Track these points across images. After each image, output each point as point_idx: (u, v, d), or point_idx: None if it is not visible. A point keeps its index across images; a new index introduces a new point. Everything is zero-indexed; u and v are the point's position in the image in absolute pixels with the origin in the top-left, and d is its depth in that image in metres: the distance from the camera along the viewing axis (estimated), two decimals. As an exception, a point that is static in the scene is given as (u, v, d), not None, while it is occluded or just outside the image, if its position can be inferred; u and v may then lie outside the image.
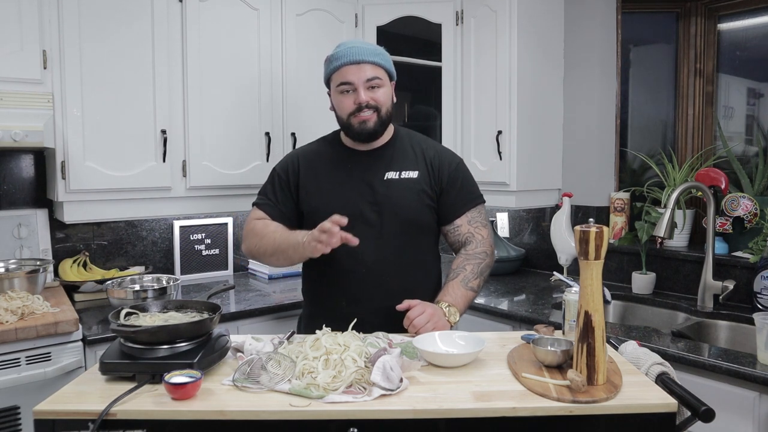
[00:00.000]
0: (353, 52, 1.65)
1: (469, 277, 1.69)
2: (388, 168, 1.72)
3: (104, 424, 1.09)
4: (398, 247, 1.70)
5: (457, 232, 1.77)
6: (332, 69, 1.68)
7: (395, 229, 1.69)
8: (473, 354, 1.32)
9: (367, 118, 1.66)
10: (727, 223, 2.36)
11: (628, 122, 2.89)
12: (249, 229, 1.75)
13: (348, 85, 1.65)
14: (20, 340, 1.83)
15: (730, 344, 2.13)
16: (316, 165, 1.76)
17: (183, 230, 2.80)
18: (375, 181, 1.70)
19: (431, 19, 2.82)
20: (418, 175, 1.73)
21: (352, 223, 1.62)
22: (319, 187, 1.72)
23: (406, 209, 1.70)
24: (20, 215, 2.41)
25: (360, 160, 1.74)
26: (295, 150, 1.89)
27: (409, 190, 1.71)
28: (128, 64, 2.29)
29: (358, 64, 1.65)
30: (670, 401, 1.14)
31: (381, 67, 1.68)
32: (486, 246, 1.76)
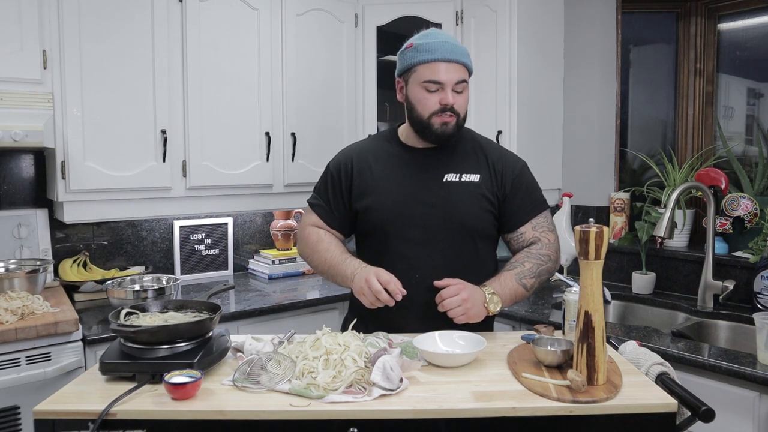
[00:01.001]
0: (447, 49, 1.54)
1: (525, 274, 1.58)
2: (447, 169, 1.62)
3: (104, 424, 1.09)
4: (453, 253, 1.60)
5: (521, 239, 1.66)
6: (420, 60, 1.55)
7: (451, 234, 1.60)
8: (473, 354, 1.32)
9: (449, 120, 1.56)
10: (727, 223, 2.36)
11: (628, 122, 2.89)
12: (304, 235, 1.71)
13: (436, 84, 1.54)
14: (20, 340, 1.83)
15: (730, 344, 2.13)
16: (371, 162, 1.66)
17: (183, 230, 2.80)
18: (433, 182, 1.61)
19: (431, 19, 2.82)
20: (479, 179, 1.62)
21: (405, 224, 1.59)
22: (373, 186, 1.63)
23: (465, 214, 1.60)
24: (20, 215, 2.41)
25: (418, 159, 1.64)
26: (350, 146, 1.77)
27: (469, 195, 1.61)
28: (128, 64, 2.29)
29: (451, 63, 1.54)
30: (670, 401, 1.14)
31: (468, 69, 1.59)
32: (551, 251, 1.65)
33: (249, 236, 3.03)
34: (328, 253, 1.63)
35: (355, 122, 2.90)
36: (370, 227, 1.65)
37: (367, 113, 2.92)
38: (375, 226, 1.63)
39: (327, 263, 1.62)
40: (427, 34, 1.60)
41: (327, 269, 1.63)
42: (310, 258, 1.69)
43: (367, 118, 2.92)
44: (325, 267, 1.64)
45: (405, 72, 1.60)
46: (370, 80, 2.90)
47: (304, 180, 2.70)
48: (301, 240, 1.73)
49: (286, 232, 2.95)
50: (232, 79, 2.54)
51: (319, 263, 1.66)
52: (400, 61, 1.62)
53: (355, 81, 2.89)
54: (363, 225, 1.67)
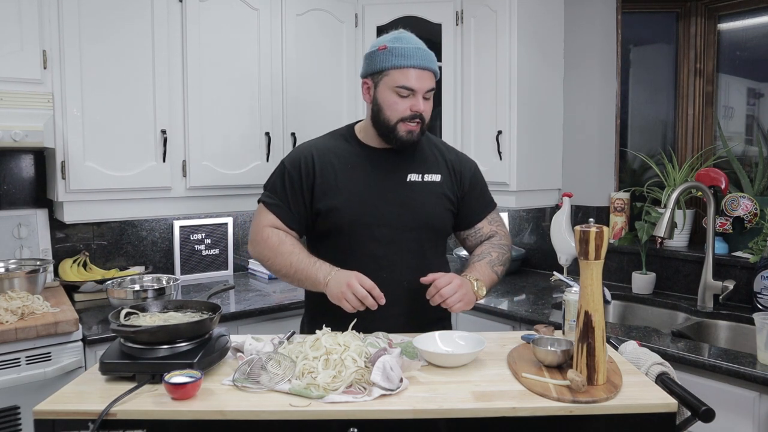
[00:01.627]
0: (421, 56, 1.57)
1: (495, 262, 1.67)
2: (409, 170, 1.66)
3: (104, 424, 1.09)
4: (419, 251, 1.65)
5: (479, 234, 1.75)
6: (395, 65, 1.56)
7: (417, 232, 1.64)
8: (473, 354, 1.32)
9: (414, 128, 1.59)
10: (727, 223, 2.36)
11: (628, 122, 2.89)
12: (261, 237, 1.64)
13: (408, 90, 1.56)
14: (20, 340, 1.83)
15: (730, 344, 2.13)
16: (334, 162, 1.65)
17: (183, 230, 2.80)
18: (397, 182, 1.64)
19: (431, 19, 2.82)
20: (440, 178, 1.68)
21: (372, 224, 1.61)
22: (337, 187, 1.62)
23: (430, 213, 1.65)
24: (20, 215, 2.41)
25: (380, 160, 1.66)
26: (306, 144, 1.73)
27: (432, 194, 1.66)
28: (128, 64, 2.29)
29: (425, 71, 1.57)
30: (670, 401, 1.14)
31: (436, 78, 1.62)
32: (508, 242, 1.76)
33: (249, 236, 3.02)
34: (293, 255, 1.58)
35: (355, 122, 2.90)
36: (335, 227, 1.63)
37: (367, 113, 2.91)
38: (341, 226, 1.62)
39: (293, 267, 1.58)
40: (399, 37, 1.60)
41: (293, 273, 1.58)
42: (272, 261, 1.62)
43: (367, 118, 2.91)
44: (290, 271, 1.59)
45: (375, 73, 1.61)
46: (370, 80, 2.89)
47: (304, 180, 2.70)
48: (258, 242, 1.65)
49: (286, 232, 2.95)
50: (232, 79, 2.54)
51: (282, 266, 1.60)
52: (370, 62, 1.62)
53: (356, 81, 2.89)
54: (326, 225, 1.64)
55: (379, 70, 1.59)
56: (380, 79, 1.60)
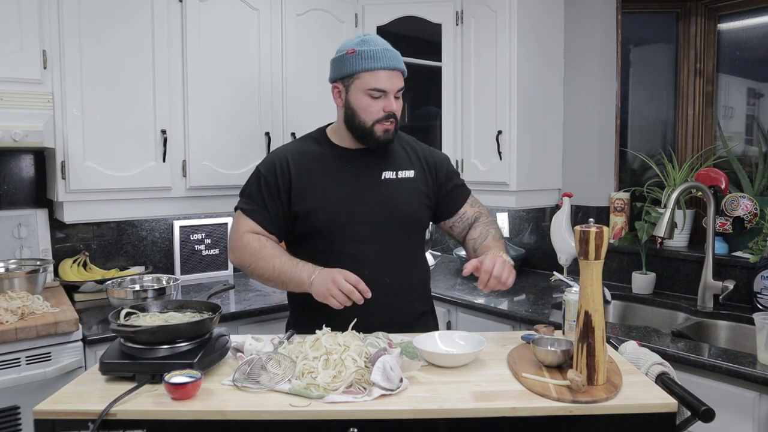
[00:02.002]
0: (389, 56, 1.59)
1: (497, 236, 1.71)
2: (383, 168, 1.69)
3: (104, 424, 1.09)
4: (398, 248, 1.68)
5: (464, 218, 1.79)
6: (365, 68, 1.58)
7: (395, 229, 1.67)
8: (473, 354, 1.32)
9: (390, 127, 1.62)
10: (727, 223, 2.36)
11: (628, 122, 2.89)
12: (241, 243, 1.63)
13: (380, 91, 1.59)
14: (20, 340, 1.83)
15: (730, 344, 2.13)
16: (308, 164, 1.66)
17: (183, 230, 2.80)
18: (373, 181, 1.67)
19: (431, 19, 2.82)
20: (414, 174, 1.71)
21: (351, 223, 1.62)
22: (314, 188, 1.64)
23: (407, 209, 1.68)
24: (20, 215, 2.41)
25: (354, 160, 1.68)
26: (279, 149, 1.75)
27: (408, 190, 1.69)
28: (128, 64, 2.29)
29: (394, 71, 1.60)
30: (670, 401, 1.14)
31: (404, 76, 1.65)
32: (494, 219, 1.81)
33: (249, 236, 3.02)
34: (275, 259, 1.58)
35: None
36: (313, 228, 1.64)
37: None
38: (319, 227, 1.63)
39: (275, 270, 1.57)
40: (366, 40, 1.62)
41: (276, 276, 1.58)
42: (254, 267, 1.61)
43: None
44: (273, 274, 1.58)
45: (346, 77, 1.62)
46: (370, 80, 2.89)
47: (304, 180, 2.70)
48: (238, 249, 1.64)
49: (286, 232, 2.95)
50: (232, 79, 2.54)
51: (264, 271, 1.59)
52: (339, 67, 1.63)
53: (355, 81, 2.89)
54: (304, 227, 1.65)
55: (349, 74, 1.61)
56: (351, 83, 1.61)
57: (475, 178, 2.76)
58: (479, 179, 2.75)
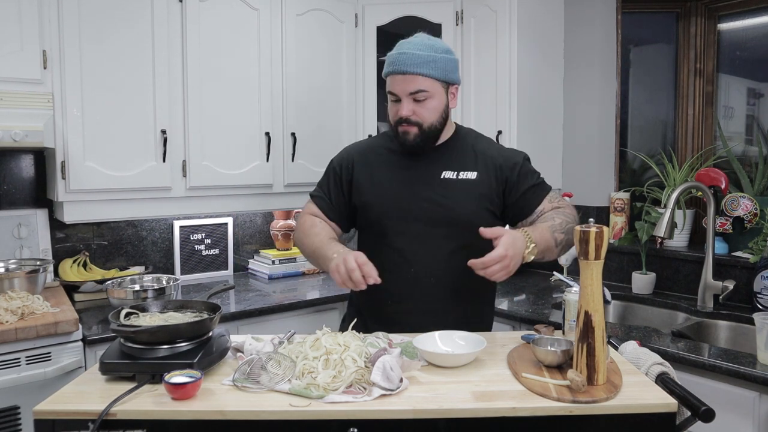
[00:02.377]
0: (403, 61, 1.57)
1: (556, 228, 1.57)
2: (445, 167, 1.65)
3: (104, 424, 1.09)
4: (450, 249, 1.62)
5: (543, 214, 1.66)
6: (385, 73, 1.63)
7: (447, 230, 1.62)
8: (473, 354, 1.32)
9: (407, 130, 1.60)
10: (727, 223, 2.36)
11: (628, 122, 2.89)
12: (300, 222, 1.74)
13: (394, 95, 1.60)
14: (20, 340, 1.83)
15: (730, 344, 2.13)
16: (371, 159, 1.71)
17: (183, 230, 2.80)
18: (431, 179, 1.64)
19: (431, 19, 2.82)
20: (476, 176, 1.64)
21: (402, 219, 1.62)
22: (372, 182, 1.67)
23: (462, 210, 1.62)
24: (20, 215, 2.41)
25: (417, 158, 1.66)
26: (354, 143, 1.84)
27: (466, 192, 1.63)
28: (128, 64, 2.29)
29: (405, 75, 1.56)
30: (670, 401, 1.14)
31: (432, 78, 1.57)
32: (574, 212, 1.67)
33: (249, 236, 3.03)
34: (317, 237, 1.64)
35: (355, 122, 2.91)
36: (369, 222, 1.68)
37: (367, 113, 2.92)
38: (373, 221, 1.67)
39: (313, 246, 1.62)
40: (400, 44, 1.61)
41: (312, 252, 1.63)
42: (301, 243, 1.69)
43: (367, 118, 2.92)
44: (311, 250, 1.64)
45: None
46: (370, 80, 2.90)
47: (304, 180, 2.70)
48: (297, 227, 1.75)
49: (286, 232, 2.95)
50: (232, 79, 2.54)
51: (307, 247, 1.66)
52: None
53: (355, 81, 2.89)
54: (362, 220, 1.71)
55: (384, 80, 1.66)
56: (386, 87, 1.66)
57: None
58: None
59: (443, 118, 1.64)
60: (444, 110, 1.64)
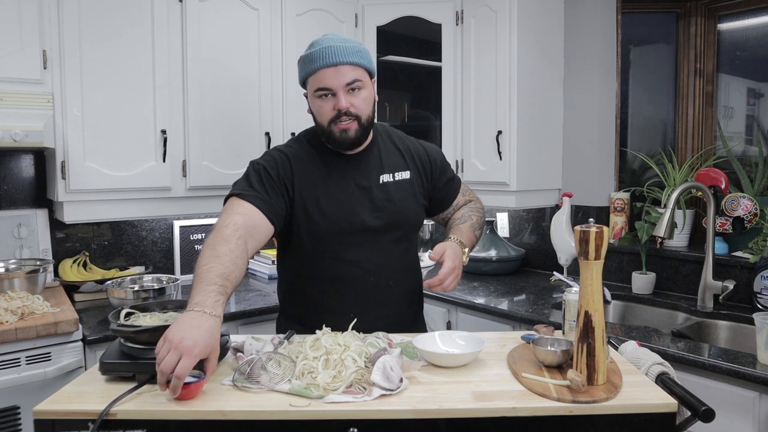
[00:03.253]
0: (330, 53, 1.49)
1: (475, 226, 1.71)
2: (381, 171, 1.63)
3: (104, 424, 1.09)
4: (399, 251, 1.66)
5: (456, 207, 1.80)
6: (308, 72, 1.53)
7: (396, 233, 1.64)
8: (473, 354, 1.32)
9: (347, 126, 1.52)
10: (727, 223, 2.36)
11: (628, 122, 2.89)
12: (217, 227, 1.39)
13: (326, 90, 1.51)
14: (20, 340, 1.83)
15: (730, 344, 2.13)
16: (309, 170, 1.59)
17: (183, 230, 2.80)
18: (372, 186, 1.61)
19: (431, 19, 2.82)
20: (410, 175, 1.67)
21: (353, 230, 1.58)
22: (316, 196, 1.56)
23: (407, 212, 1.65)
24: (20, 215, 2.41)
25: (350, 164, 1.61)
26: (276, 149, 1.64)
27: (406, 192, 1.65)
28: (128, 64, 2.29)
29: (336, 67, 1.49)
30: (670, 401, 1.14)
31: (361, 66, 1.53)
32: (482, 206, 1.83)
33: (249, 236, 3.02)
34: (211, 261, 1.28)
35: (355, 122, 2.90)
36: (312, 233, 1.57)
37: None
38: (321, 236, 1.57)
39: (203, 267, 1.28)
40: (314, 42, 1.55)
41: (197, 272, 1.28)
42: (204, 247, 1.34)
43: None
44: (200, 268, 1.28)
45: (303, 85, 1.59)
46: (370, 80, 2.90)
47: (304, 180, 2.70)
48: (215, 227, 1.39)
49: (286, 232, 2.95)
50: (232, 79, 2.54)
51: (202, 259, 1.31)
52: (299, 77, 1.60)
53: (355, 81, 2.89)
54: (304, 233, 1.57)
55: (302, 83, 1.59)
56: (306, 90, 1.59)
57: (475, 178, 2.76)
58: (479, 179, 2.75)
59: (374, 113, 1.61)
60: (374, 103, 1.60)
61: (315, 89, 1.54)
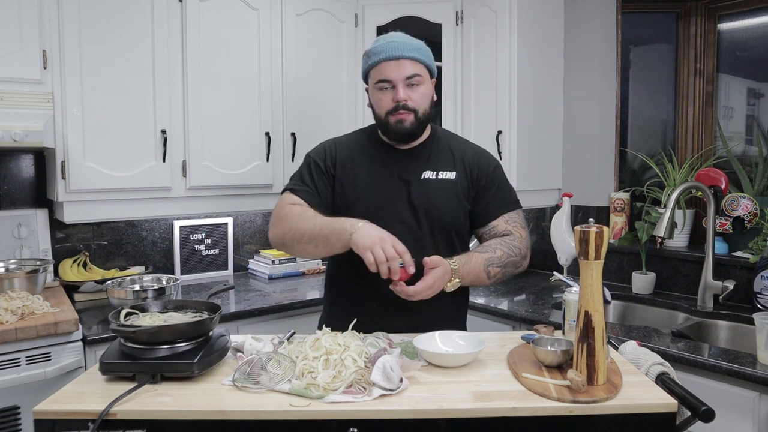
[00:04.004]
0: (393, 47, 1.57)
1: (494, 261, 1.59)
2: (425, 167, 1.65)
3: (104, 424, 1.09)
4: (431, 249, 1.60)
5: (493, 231, 1.68)
6: (370, 65, 1.60)
7: (430, 230, 1.63)
8: (473, 354, 1.32)
9: (403, 117, 1.58)
10: (727, 223, 2.36)
11: (628, 122, 2.89)
12: (283, 213, 1.59)
13: (387, 83, 1.57)
14: (20, 340, 1.83)
15: (730, 344, 2.13)
16: (354, 157, 1.67)
17: (183, 230, 2.80)
18: (412, 180, 1.63)
19: (431, 19, 2.82)
20: (455, 176, 1.66)
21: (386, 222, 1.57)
22: (354, 183, 1.64)
23: (442, 210, 1.63)
24: (20, 215, 2.41)
25: (397, 158, 1.66)
26: (330, 139, 1.76)
27: (446, 191, 1.64)
28: (128, 64, 2.29)
29: (398, 60, 1.56)
30: (670, 401, 1.14)
31: (421, 63, 1.59)
32: (523, 245, 1.67)
33: (249, 236, 3.03)
34: (317, 218, 1.54)
35: (355, 122, 2.90)
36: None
37: (367, 113, 2.91)
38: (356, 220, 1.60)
39: (317, 226, 1.51)
40: (379, 38, 1.62)
41: (318, 231, 1.51)
42: (295, 229, 1.55)
43: (367, 117, 2.91)
44: (314, 230, 1.51)
45: (365, 80, 1.67)
46: (370, 80, 2.90)
47: (304, 180, 2.70)
48: (280, 219, 1.60)
49: (286, 232, 2.95)
50: (232, 79, 2.54)
51: (306, 230, 1.52)
52: (362, 70, 1.67)
53: (356, 81, 2.89)
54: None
55: (364, 76, 1.66)
56: (368, 83, 1.65)
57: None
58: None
59: (431, 109, 1.65)
60: (432, 100, 1.65)
61: (376, 81, 1.60)
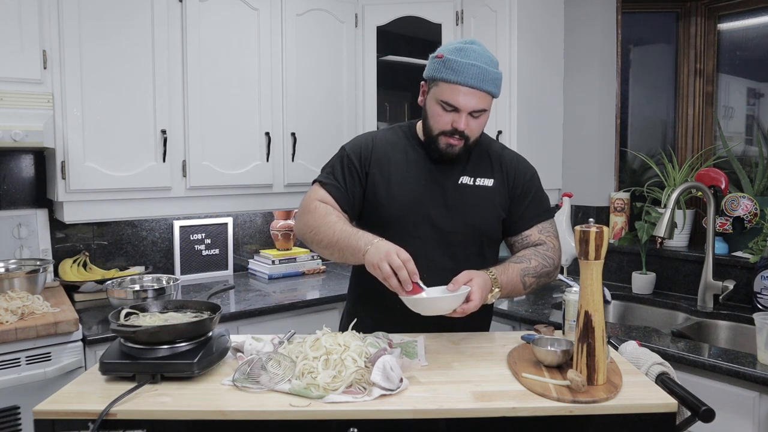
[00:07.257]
0: (473, 74, 1.47)
1: (529, 271, 1.54)
2: (462, 172, 1.61)
3: (104, 424, 1.09)
4: (462, 256, 1.59)
5: (525, 241, 1.65)
6: (444, 78, 1.49)
7: (462, 236, 1.59)
8: (456, 297, 1.31)
9: (455, 143, 1.53)
10: (727, 223, 2.36)
11: (628, 122, 2.89)
12: (310, 208, 1.57)
13: (452, 107, 1.50)
14: (20, 340, 1.83)
15: (730, 344, 2.13)
16: (390, 155, 1.62)
17: (183, 230, 2.80)
18: (448, 184, 1.59)
19: (431, 19, 2.82)
20: (493, 183, 1.62)
21: (418, 223, 1.57)
22: (389, 181, 1.59)
23: (477, 218, 1.60)
24: (20, 215, 2.41)
25: (435, 159, 1.60)
26: (368, 133, 1.72)
27: (483, 199, 1.61)
28: (128, 64, 2.29)
29: (474, 90, 1.47)
30: (670, 401, 1.14)
31: (493, 96, 1.52)
32: (555, 256, 1.63)
33: (249, 236, 3.03)
34: (337, 225, 1.49)
35: (355, 122, 2.91)
36: (381, 222, 1.59)
37: (367, 113, 2.92)
38: (386, 222, 1.59)
39: (335, 235, 1.48)
40: (461, 48, 1.50)
41: (335, 242, 1.48)
42: (316, 232, 1.53)
43: (367, 118, 2.92)
44: (332, 240, 1.49)
45: (429, 80, 1.55)
46: (370, 80, 2.90)
47: (304, 180, 2.70)
48: (306, 213, 1.57)
49: (286, 232, 2.95)
50: (232, 79, 2.54)
51: (325, 236, 1.50)
52: (429, 67, 1.56)
53: (355, 81, 2.89)
54: (372, 218, 1.61)
55: (431, 78, 1.54)
56: (431, 87, 1.55)
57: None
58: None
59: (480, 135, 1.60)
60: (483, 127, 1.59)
61: (443, 99, 1.51)
